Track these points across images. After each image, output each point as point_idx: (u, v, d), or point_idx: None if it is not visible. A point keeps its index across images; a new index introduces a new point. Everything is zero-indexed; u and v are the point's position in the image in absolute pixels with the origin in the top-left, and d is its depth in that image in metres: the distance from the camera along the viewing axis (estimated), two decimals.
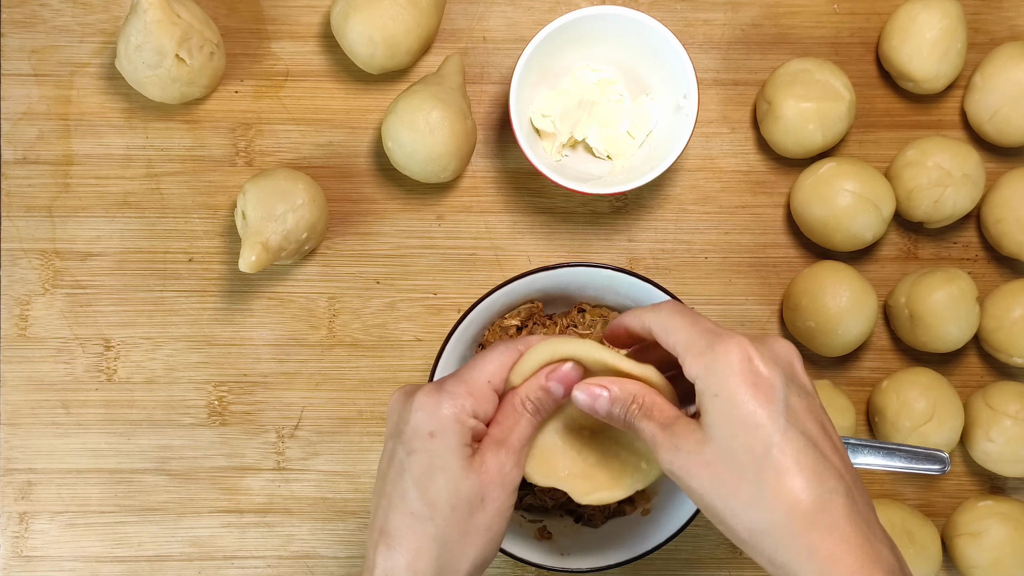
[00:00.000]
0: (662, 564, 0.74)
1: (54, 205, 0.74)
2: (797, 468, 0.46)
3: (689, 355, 0.48)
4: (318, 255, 0.75)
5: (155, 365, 0.74)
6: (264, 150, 0.75)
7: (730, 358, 0.47)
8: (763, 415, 0.46)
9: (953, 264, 0.76)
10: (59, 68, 0.75)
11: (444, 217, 0.75)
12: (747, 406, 0.46)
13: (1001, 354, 0.72)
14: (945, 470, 0.66)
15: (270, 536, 0.74)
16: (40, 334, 0.74)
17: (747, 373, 0.47)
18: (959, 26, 0.72)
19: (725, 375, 0.47)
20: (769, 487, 0.46)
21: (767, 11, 0.76)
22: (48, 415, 0.74)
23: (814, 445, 0.46)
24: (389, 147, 0.70)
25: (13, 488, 0.73)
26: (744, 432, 0.46)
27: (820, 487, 0.46)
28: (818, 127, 0.71)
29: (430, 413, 0.50)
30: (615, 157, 0.73)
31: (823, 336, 0.71)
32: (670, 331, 0.50)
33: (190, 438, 0.74)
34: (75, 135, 0.74)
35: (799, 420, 0.47)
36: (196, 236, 0.74)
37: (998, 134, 0.73)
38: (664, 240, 0.75)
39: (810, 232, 0.73)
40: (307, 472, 0.74)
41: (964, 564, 0.71)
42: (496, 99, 0.75)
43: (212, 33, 0.71)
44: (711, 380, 0.47)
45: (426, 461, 0.50)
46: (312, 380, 0.74)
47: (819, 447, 0.47)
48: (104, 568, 0.73)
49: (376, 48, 0.70)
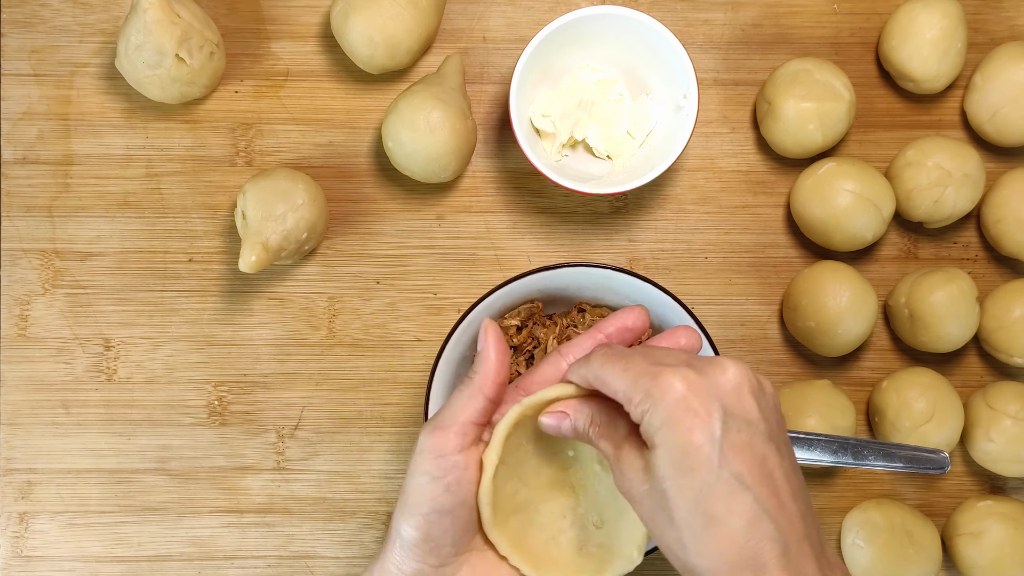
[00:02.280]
0: (662, 564, 0.74)
1: (54, 205, 0.74)
2: (728, 515, 0.45)
3: (630, 405, 0.48)
4: (318, 255, 0.75)
5: (155, 365, 0.74)
6: (264, 150, 0.75)
7: (667, 405, 0.46)
8: (697, 461, 0.46)
9: (953, 264, 0.76)
10: (59, 68, 0.75)
11: (444, 217, 0.75)
12: (682, 451, 0.46)
13: (1001, 354, 0.72)
14: (945, 470, 0.66)
15: (270, 536, 0.74)
16: (40, 334, 0.74)
17: (682, 418, 0.46)
18: (959, 26, 0.72)
19: (662, 422, 0.46)
20: (700, 534, 0.46)
21: (767, 11, 0.76)
22: (48, 415, 0.74)
23: (748, 488, 0.45)
24: (389, 147, 0.70)
25: (13, 488, 0.73)
26: (679, 476, 0.46)
27: (750, 535, 0.45)
28: (818, 127, 0.71)
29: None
30: (615, 157, 0.73)
31: (823, 336, 0.71)
32: (606, 383, 0.49)
33: (190, 438, 0.74)
34: (75, 135, 0.74)
35: (734, 462, 0.46)
36: (196, 236, 0.74)
37: (998, 134, 0.73)
38: (664, 240, 0.75)
39: (810, 232, 0.73)
40: (307, 472, 0.74)
41: (964, 564, 0.71)
42: (496, 99, 0.75)
43: (212, 33, 0.71)
44: (651, 425, 0.47)
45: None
46: (312, 380, 0.74)
47: (754, 490, 0.46)
48: (104, 568, 0.73)
49: (376, 48, 0.70)
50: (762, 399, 0.48)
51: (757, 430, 0.47)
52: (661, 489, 0.47)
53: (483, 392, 0.52)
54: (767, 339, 0.75)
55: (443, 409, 0.52)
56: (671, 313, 0.66)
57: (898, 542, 0.70)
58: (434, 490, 0.50)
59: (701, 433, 0.46)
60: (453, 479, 0.51)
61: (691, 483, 0.46)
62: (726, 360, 0.48)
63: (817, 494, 0.75)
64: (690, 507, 0.46)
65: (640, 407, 0.47)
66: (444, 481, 0.50)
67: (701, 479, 0.46)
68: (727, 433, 0.46)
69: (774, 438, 0.47)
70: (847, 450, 0.65)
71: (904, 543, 0.70)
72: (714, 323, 0.75)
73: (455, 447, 0.51)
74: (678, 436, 0.46)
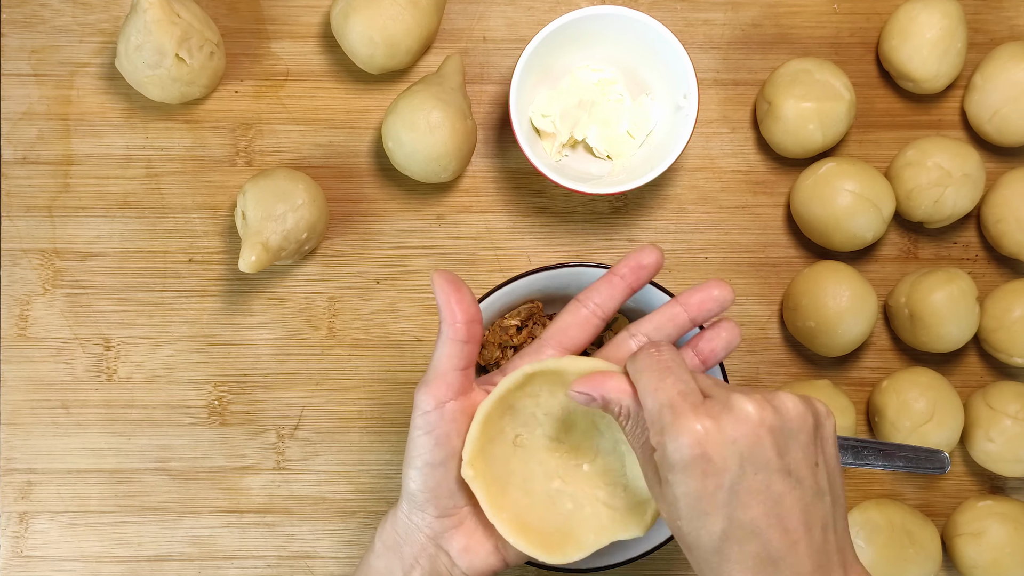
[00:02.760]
0: (662, 564, 0.74)
1: (54, 205, 0.74)
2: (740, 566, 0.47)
3: (651, 429, 0.49)
4: (318, 255, 0.75)
5: (155, 365, 0.74)
6: (264, 150, 0.75)
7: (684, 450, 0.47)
8: (710, 505, 0.47)
9: (953, 264, 0.76)
10: (59, 68, 0.75)
11: (444, 217, 0.75)
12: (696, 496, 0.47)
13: (1001, 354, 0.72)
14: (945, 470, 0.66)
15: (270, 536, 0.74)
16: (40, 334, 0.74)
17: (697, 464, 0.46)
18: (959, 26, 0.72)
19: (676, 466, 0.47)
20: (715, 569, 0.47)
21: (767, 11, 0.76)
22: (48, 415, 0.74)
23: (759, 535, 0.46)
24: (389, 147, 0.70)
25: (13, 488, 0.73)
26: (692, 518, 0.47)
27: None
28: (818, 127, 0.71)
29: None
30: (615, 157, 0.73)
31: (823, 336, 0.71)
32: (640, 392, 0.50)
33: (190, 438, 0.74)
34: (75, 135, 0.74)
35: (748, 508, 0.46)
36: (196, 236, 0.74)
37: (998, 134, 0.73)
38: (664, 240, 0.75)
39: (810, 232, 0.73)
40: (307, 472, 0.74)
41: (964, 564, 0.71)
42: (496, 99, 0.75)
43: (212, 33, 0.71)
44: (664, 464, 0.48)
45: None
46: (312, 380, 0.74)
47: (765, 535, 0.46)
48: (104, 568, 0.73)
49: (376, 48, 0.70)
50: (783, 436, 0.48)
51: (774, 469, 0.47)
52: (676, 524, 0.48)
53: (452, 337, 0.53)
54: (767, 339, 0.75)
55: (429, 365, 0.54)
56: None
57: (898, 542, 0.70)
58: (426, 443, 0.53)
59: (714, 481, 0.46)
60: (442, 432, 0.53)
61: (704, 525, 0.47)
62: (748, 400, 0.48)
63: None
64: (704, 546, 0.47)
65: (657, 438, 0.48)
66: (434, 435, 0.53)
67: (714, 525, 0.47)
68: (743, 479, 0.47)
69: (794, 470, 0.47)
70: (847, 450, 0.65)
71: (904, 543, 0.70)
72: None
73: (442, 397, 0.53)
74: (692, 482, 0.47)
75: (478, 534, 0.55)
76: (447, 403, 0.53)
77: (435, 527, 0.54)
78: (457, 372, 0.53)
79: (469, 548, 0.54)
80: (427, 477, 0.53)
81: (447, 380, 0.53)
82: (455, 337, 0.53)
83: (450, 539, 0.54)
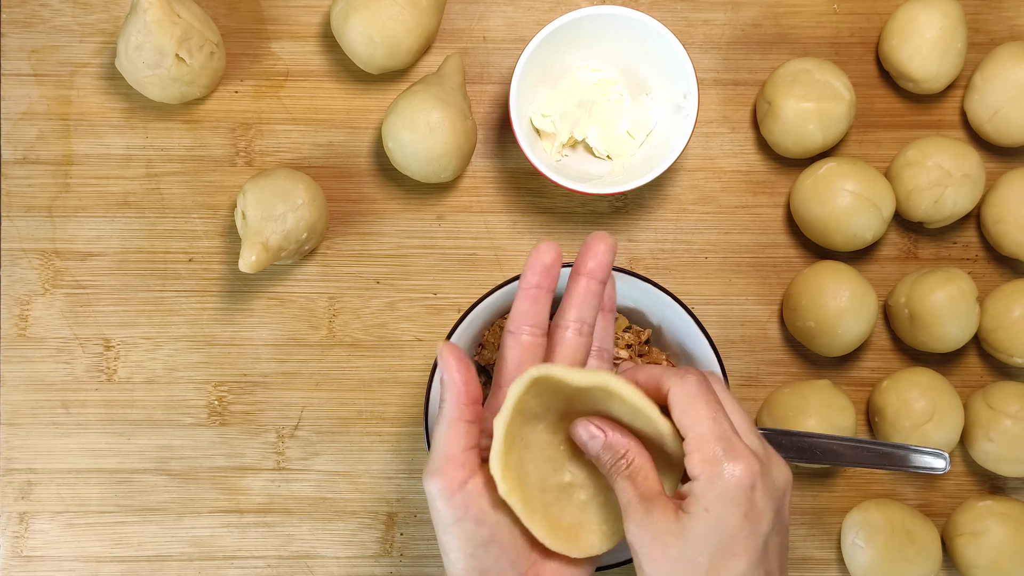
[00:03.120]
0: None
1: (54, 205, 0.74)
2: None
3: (698, 454, 0.48)
4: (318, 255, 0.75)
5: (155, 365, 0.74)
6: (264, 150, 0.75)
7: (737, 483, 0.47)
8: (741, 548, 0.47)
9: (953, 264, 0.76)
10: (59, 68, 0.75)
11: (444, 217, 0.75)
12: (731, 533, 0.47)
13: (1001, 354, 0.72)
14: (945, 469, 0.66)
15: (270, 536, 0.74)
16: (40, 334, 0.74)
17: (744, 502, 0.47)
18: (959, 26, 0.72)
19: (724, 496, 0.47)
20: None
21: (767, 11, 0.76)
22: (48, 415, 0.74)
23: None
24: (389, 147, 0.70)
25: (13, 488, 0.73)
26: (717, 555, 0.47)
27: None
28: (818, 127, 0.71)
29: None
30: (615, 157, 0.73)
31: (823, 336, 0.71)
32: (687, 414, 0.49)
33: (190, 438, 0.74)
34: (75, 135, 0.74)
35: (769, 561, 0.48)
36: (196, 236, 0.74)
37: (998, 134, 0.73)
38: (664, 240, 0.75)
39: (810, 232, 0.73)
40: (307, 472, 0.74)
41: (964, 564, 0.71)
42: (496, 99, 0.75)
43: (212, 33, 0.71)
44: (709, 493, 0.47)
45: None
46: (312, 380, 0.74)
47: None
48: (104, 568, 0.73)
49: (376, 48, 0.70)
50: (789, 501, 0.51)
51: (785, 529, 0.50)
52: (695, 560, 0.47)
53: (460, 418, 0.51)
54: (767, 339, 0.75)
55: (432, 452, 0.51)
56: (671, 313, 0.66)
57: (898, 542, 0.70)
58: (465, 529, 0.50)
59: (751, 525, 0.47)
60: (476, 509, 0.50)
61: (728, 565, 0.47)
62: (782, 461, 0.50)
63: (817, 494, 0.75)
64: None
65: (707, 467, 0.48)
66: (469, 515, 0.50)
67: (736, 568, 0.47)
68: (771, 534, 0.48)
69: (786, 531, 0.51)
70: (847, 450, 0.65)
71: (904, 543, 0.70)
72: (714, 323, 0.75)
73: (460, 480, 0.50)
74: (733, 518, 0.47)
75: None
76: (469, 482, 0.50)
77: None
78: (469, 452, 0.51)
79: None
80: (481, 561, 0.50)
81: (460, 461, 0.50)
82: (463, 418, 0.51)
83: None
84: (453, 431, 0.51)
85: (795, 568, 0.74)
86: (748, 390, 0.75)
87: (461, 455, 0.50)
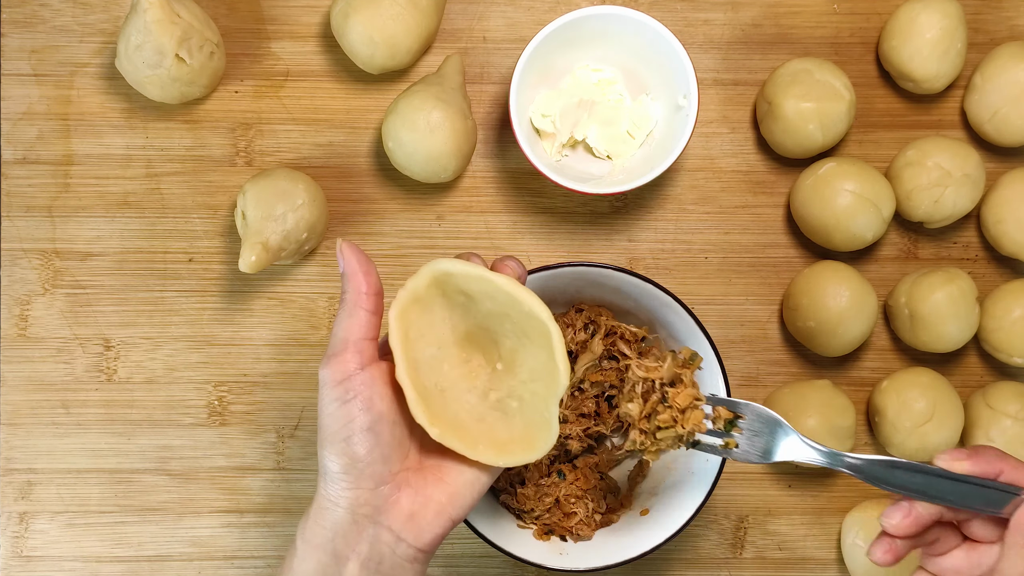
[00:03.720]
0: (662, 564, 0.74)
1: (54, 205, 0.74)
2: None
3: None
4: (318, 255, 0.75)
5: (155, 365, 0.74)
6: (264, 150, 0.75)
7: None
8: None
9: (953, 264, 0.76)
10: (59, 68, 0.75)
11: (444, 217, 0.75)
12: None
13: (1001, 354, 0.72)
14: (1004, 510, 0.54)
15: (270, 536, 0.74)
16: (40, 334, 0.74)
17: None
18: (959, 26, 0.72)
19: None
20: None
21: (767, 11, 0.76)
22: (48, 415, 0.74)
23: None
24: (389, 147, 0.70)
25: (13, 488, 0.73)
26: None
27: None
28: (818, 127, 0.71)
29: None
30: (615, 157, 0.73)
31: (823, 336, 0.71)
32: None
33: (190, 438, 0.74)
34: (75, 135, 0.74)
35: None
36: (196, 236, 0.74)
37: (998, 134, 0.73)
38: (664, 240, 0.75)
39: (810, 232, 0.73)
40: (307, 472, 0.74)
41: None
42: (496, 99, 0.75)
43: (212, 33, 0.71)
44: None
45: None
46: (312, 380, 0.74)
47: None
48: (104, 568, 0.73)
49: (376, 48, 0.70)
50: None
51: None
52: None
53: (360, 306, 0.52)
54: (767, 339, 0.75)
55: (331, 340, 0.52)
56: (671, 313, 0.66)
57: None
58: (348, 412, 0.51)
59: None
60: (364, 397, 0.51)
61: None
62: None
63: (817, 494, 0.75)
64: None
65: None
66: (355, 402, 0.51)
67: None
68: None
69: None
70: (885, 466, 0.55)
71: None
72: (714, 323, 0.75)
73: (355, 367, 0.51)
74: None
75: (423, 494, 0.52)
76: (363, 370, 0.51)
77: (373, 500, 0.51)
78: (367, 341, 0.52)
79: (415, 514, 0.51)
80: (356, 447, 0.50)
81: (359, 348, 0.51)
82: (364, 306, 0.52)
83: (391, 509, 0.51)
84: (353, 320, 0.52)
85: (795, 568, 0.74)
86: (748, 390, 0.75)
87: (359, 343, 0.51)
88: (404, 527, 0.51)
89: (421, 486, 0.52)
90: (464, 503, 0.53)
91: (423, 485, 0.52)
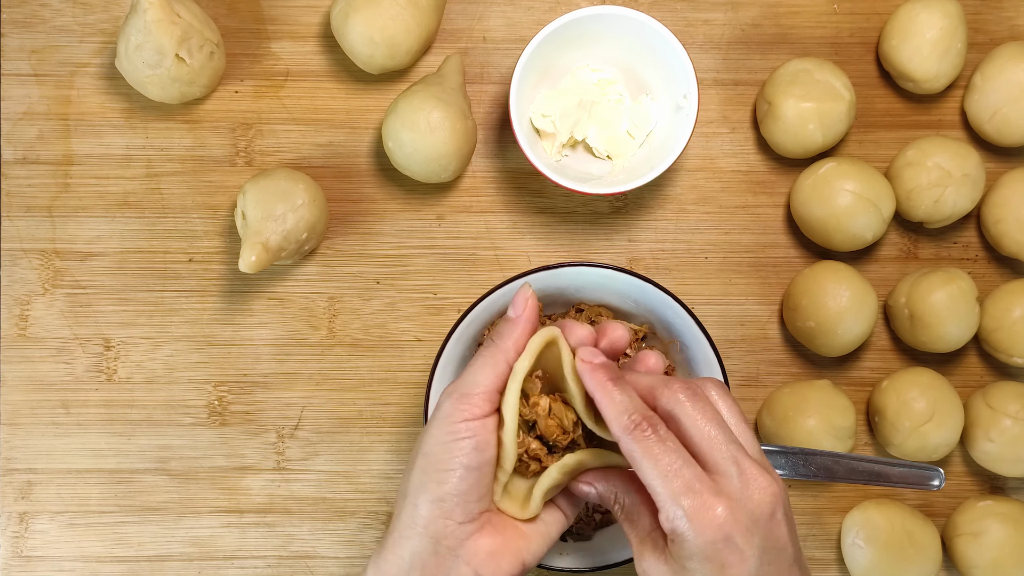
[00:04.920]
0: None
1: (54, 205, 0.74)
2: None
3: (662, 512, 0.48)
4: (318, 255, 0.75)
5: (155, 365, 0.74)
6: (264, 150, 0.75)
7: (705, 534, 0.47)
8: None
9: (953, 264, 0.76)
10: (59, 68, 0.75)
11: (444, 217, 0.75)
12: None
13: (1001, 354, 0.72)
14: (940, 486, 0.65)
15: (270, 536, 0.74)
16: (40, 334, 0.74)
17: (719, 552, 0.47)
18: (959, 26, 0.72)
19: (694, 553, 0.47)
20: None
21: (767, 11, 0.76)
22: (48, 415, 0.74)
23: None
24: (389, 147, 0.70)
25: (13, 488, 0.73)
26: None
27: None
28: (818, 127, 0.71)
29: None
30: (615, 157, 0.73)
31: (823, 336, 0.71)
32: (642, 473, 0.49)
33: (190, 438, 0.74)
34: (75, 135, 0.74)
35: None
36: (196, 236, 0.74)
37: (998, 134, 0.73)
38: (664, 240, 0.75)
39: (810, 232, 0.73)
40: (307, 472, 0.74)
41: (964, 564, 0.71)
42: (496, 99, 0.75)
43: (212, 33, 0.71)
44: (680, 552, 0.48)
45: None
46: (312, 380, 0.74)
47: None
48: (104, 568, 0.73)
49: (376, 48, 0.70)
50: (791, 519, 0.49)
51: (786, 556, 0.48)
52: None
53: (508, 361, 0.53)
54: (767, 339, 0.75)
55: (466, 375, 0.53)
56: (671, 313, 0.66)
57: (898, 542, 0.70)
58: (461, 448, 0.52)
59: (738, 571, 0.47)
60: (479, 440, 0.52)
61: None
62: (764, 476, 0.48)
63: (817, 494, 0.75)
64: None
65: (673, 523, 0.48)
66: (473, 441, 0.52)
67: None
68: (761, 567, 0.47)
69: (798, 559, 0.49)
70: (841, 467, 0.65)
71: (904, 543, 0.70)
72: (714, 323, 0.75)
73: (480, 413, 0.52)
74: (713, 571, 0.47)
75: (503, 534, 0.53)
76: (487, 417, 0.53)
77: (458, 534, 0.52)
78: (497, 394, 0.53)
79: (494, 553, 0.52)
80: (462, 481, 0.51)
81: (490, 398, 0.53)
82: (511, 361, 0.53)
83: (472, 546, 0.52)
84: (496, 369, 0.53)
85: None
86: (748, 390, 0.75)
87: (492, 393, 0.53)
88: (483, 564, 0.52)
89: (501, 527, 0.54)
90: (537, 550, 0.54)
91: (503, 527, 0.54)
